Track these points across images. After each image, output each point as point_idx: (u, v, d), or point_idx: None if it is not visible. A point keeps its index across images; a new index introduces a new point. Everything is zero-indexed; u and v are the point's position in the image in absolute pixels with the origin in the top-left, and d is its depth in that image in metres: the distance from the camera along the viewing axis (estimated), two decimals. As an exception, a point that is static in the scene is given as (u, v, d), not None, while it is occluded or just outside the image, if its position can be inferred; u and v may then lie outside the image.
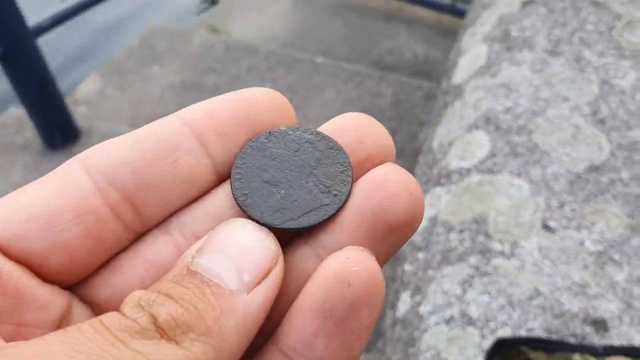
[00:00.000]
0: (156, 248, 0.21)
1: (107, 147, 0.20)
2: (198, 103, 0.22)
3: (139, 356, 0.15)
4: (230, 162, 0.22)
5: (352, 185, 0.22)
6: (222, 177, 0.22)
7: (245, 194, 0.21)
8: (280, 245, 0.20)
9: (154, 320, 0.16)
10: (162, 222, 0.21)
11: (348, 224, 0.21)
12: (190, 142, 0.21)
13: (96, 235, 0.20)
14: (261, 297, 0.18)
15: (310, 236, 0.21)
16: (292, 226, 0.21)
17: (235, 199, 0.21)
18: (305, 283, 0.19)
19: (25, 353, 0.15)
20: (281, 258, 0.19)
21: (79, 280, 0.20)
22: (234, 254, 0.18)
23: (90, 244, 0.20)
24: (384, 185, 0.20)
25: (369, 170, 0.21)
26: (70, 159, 0.20)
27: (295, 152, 0.22)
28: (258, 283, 0.18)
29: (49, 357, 0.15)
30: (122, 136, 0.21)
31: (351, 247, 0.20)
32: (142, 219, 0.21)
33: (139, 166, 0.20)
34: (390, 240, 0.20)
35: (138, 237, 0.21)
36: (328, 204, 0.21)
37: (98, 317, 0.17)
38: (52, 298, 0.19)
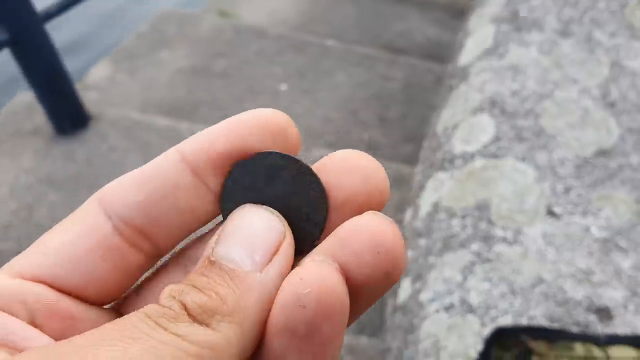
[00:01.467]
0: (174, 277, 0.24)
1: (118, 188, 0.23)
2: (196, 135, 0.23)
3: (178, 339, 0.18)
4: None
5: (327, 211, 0.22)
6: None
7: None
8: None
9: (184, 307, 0.19)
10: (179, 254, 0.24)
11: None
12: (189, 178, 0.23)
13: (122, 268, 0.23)
14: (274, 272, 0.20)
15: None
16: None
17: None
18: None
19: (86, 341, 0.18)
20: (289, 234, 0.21)
21: (119, 300, 0.24)
22: (244, 237, 0.21)
23: (118, 275, 0.23)
24: (353, 240, 0.21)
25: (354, 209, 0.22)
26: (89, 199, 0.23)
27: (271, 178, 0.23)
28: (269, 261, 0.20)
29: (103, 341, 0.18)
30: (130, 175, 0.23)
31: (309, 259, 0.20)
32: (158, 248, 0.23)
33: (146, 206, 0.22)
34: (361, 295, 0.21)
35: (158, 259, 0.24)
36: (309, 232, 0.22)
37: (140, 309, 0.19)
38: (100, 317, 0.23)
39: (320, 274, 0.20)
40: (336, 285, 0.20)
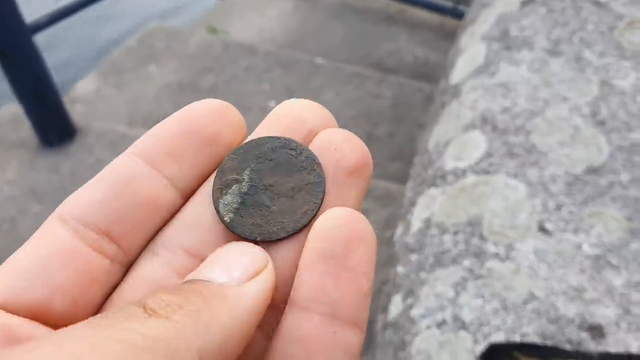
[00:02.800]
0: (151, 269, 0.23)
1: (76, 195, 0.23)
2: (147, 132, 0.24)
3: (128, 332, 0.16)
4: (185, 177, 0.23)
5: (323, 198, 0.23)
6: (183, 192, 0.24)
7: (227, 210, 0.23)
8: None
9: (143, 307, 0.18)
10: (148, 244, 0.23)
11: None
12: (145, 169, 0.23)
13: (86, 273, 0.21)
14: (251, 290, 0.20)
15: None
16: (272, 238, 0.23)
17: (220, 218, 0.23)
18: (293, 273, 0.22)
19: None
20: (271, 264, 0.21)
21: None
22: (223, 261, 0.21)
23: (83, 282, 0.21)
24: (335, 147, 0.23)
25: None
26: (48, 218, 0.22)
27: (272, 161, 0.24)
28: (248, 280, 0.20)
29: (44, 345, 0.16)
30: (88, 182, 0.23)
31: (335, 207, 0.22)
32: (124, 249, 0.23)
33: (105, 204, 0.22)
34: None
35: (127, 268, 0.23)
36: (304, 213, 0.23)
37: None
38: None
39: (348, 209, 0.22)
40: (362, 216, 0.22)
